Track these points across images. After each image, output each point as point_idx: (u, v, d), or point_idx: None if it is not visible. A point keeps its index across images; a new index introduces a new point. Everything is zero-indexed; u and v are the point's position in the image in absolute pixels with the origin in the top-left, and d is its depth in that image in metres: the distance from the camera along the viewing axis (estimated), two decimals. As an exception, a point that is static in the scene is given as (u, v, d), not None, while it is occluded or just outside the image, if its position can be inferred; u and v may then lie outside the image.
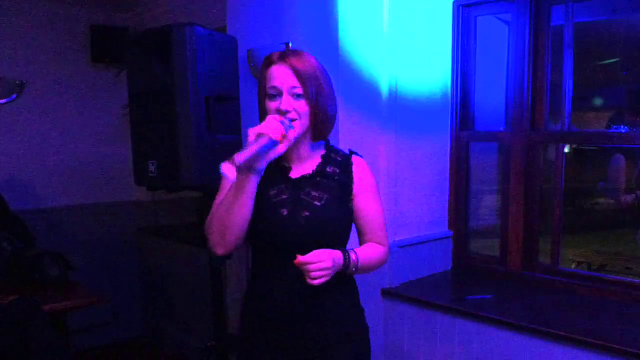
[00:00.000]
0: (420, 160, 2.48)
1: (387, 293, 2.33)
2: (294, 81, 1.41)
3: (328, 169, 1.53)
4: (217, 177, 2.17)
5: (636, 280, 2.16)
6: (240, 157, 1.25)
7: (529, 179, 2.38)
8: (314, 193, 1.49)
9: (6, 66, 3.53)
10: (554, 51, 2.31)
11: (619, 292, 2.14)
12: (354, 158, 1.57)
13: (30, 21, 3.62)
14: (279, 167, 1.50)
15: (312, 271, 1.32)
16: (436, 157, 2.58)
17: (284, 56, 1.44)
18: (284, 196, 1.47)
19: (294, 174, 1.51)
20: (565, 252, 3.87)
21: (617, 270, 4.12)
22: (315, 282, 1.33)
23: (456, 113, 2.59)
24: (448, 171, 2.63)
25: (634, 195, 4.05)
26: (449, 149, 2.62)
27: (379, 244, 1.59)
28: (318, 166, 1.52)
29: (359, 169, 1.56)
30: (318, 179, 1.51)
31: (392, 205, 2.33)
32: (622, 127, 2.39)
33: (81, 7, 3.78)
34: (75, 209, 3.88)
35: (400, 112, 2.34)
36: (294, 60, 1.43)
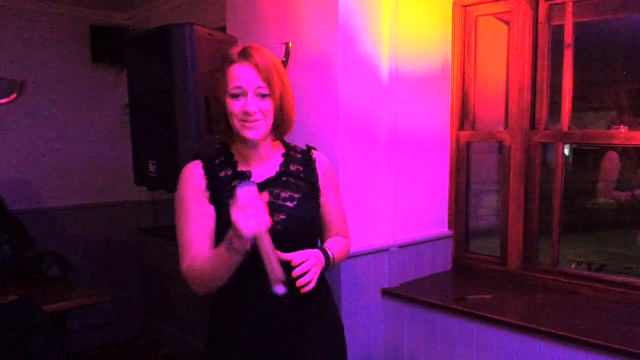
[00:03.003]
0: (420, 160, 2.48)
1: (387, 293, 2.33)
2: (259, 81, 1.37)
3: (291, 168, 1.50)
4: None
5: (636, 280, 2.15)
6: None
7: (529, 179, 2.38)
8: (283, 194, 1.45)
9: (6, 66, 3.53)
10: (554, 51, 2.31)
11: (619, 292, 2.14)
12: (314, 154, 1.56)
13: (31, 21, 3.62)
14: (240, 173, 1.45)
15: (306, 275, 1.29)
16: (436, 157, 2.58)
17: (246, 54, 1.38)
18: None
19: (257, 177, 1.46)
20: (565, 252, 3.87)
21: (617, 270, 4.12)
22: (309, 287, 1.31)
23: (456, 113, 2.59)
24: (448, 171, 2.63)
25: (629, 192, 4.06)
26: (449, 149, 2.62)
27: (344, 237, 1.61)
28: (281, 166, 1.49)
29: (322, 164, 1.55)
30: (284, 179, 1.47)
31: (392, 205, 2.33)
32: (622, 127, 2.39)
33: (81, 7, 3.79)
34: (75, 209, 3.88)
35: (400, 112, 2.34)
36: (258, 59, 1.38)
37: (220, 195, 1.40)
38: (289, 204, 1.44)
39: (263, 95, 1.38)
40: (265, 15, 2.40)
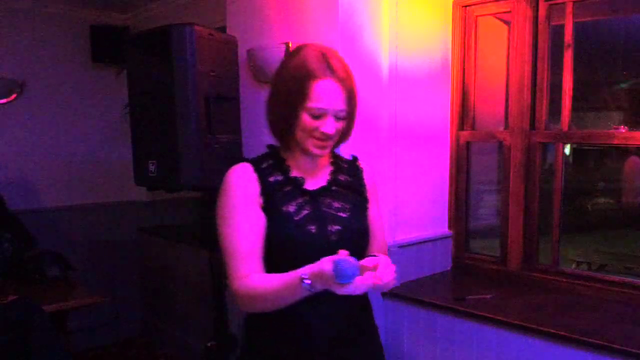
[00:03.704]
0: (420, 160, 2.48)
1: (387, 293, 2.33)
2: (342, 103, 1.28)
3: (341, 177, 1.44)
4: (217, 177, 2.17)
5: (636, 280, 2.15)
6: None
7: (529, 179, 2.38)
8: (335, 204, 1.38)
9: (6, 66, 3.53)
10: (554, 51, 2.31)
11: (619, 292, 2.14)
12: (361, 164, 1.51)
13: (31, 21, 3.62)
14: (293, 179, 1.37)
15: (385, 277, 1.15)
16: (436, 157, 2.58)
17: (332, 69, 1.27)
18: (306, 211, 1.34)
19: (310, 185, 1.38)
20: (565, 252, 3.87)
21: (617, 270, 4.13)
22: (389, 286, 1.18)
23: (456, 113, 2.59)
24: (448, 171, 2.63)
25: None
26: (449, 148, 2.62)
27: (385, 254, 1.47)
28: (331, 175, 1.43)
29: (368, 175, 1.51)
30: (334, 188, 1.41)
31: (392, 205, 2.33)
32: (622, 127, 2.39)
33: (81, 7, 3.79)
34: (75, 209, 3.89)
35: (400, 111, 2.34)
36: (342, 73, 1.28)
37: (273, 202, 1.32)
38: (342, 214, 1.37)
39: (339, 118, 1.31)
40: (265, 15, 2.40)
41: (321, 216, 1.34)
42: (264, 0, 2.40)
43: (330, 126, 1.28)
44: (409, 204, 2.43)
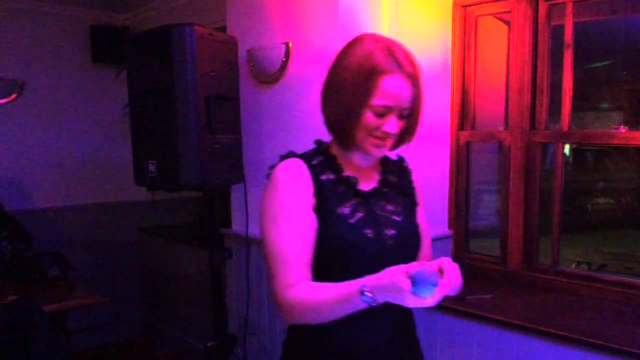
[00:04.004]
0: (420, 159, 2.48)
1: (387, 293, 2.32)
2: (408, 101, 1.18)
3: (391, 178, 1.36)
4: (217, 177, 2.17)
5: (636, 280, 2.15)
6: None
7: (529, 179, 2.38)
8: (388, 207, 1.29)
9: (6, 66, 3.53)
10: (554, 51, 2.31)
11: (619, 292, 2.14)
12: (409, 165, 1.43)
13: (30, 21, 3.62)
14: (346, 179, 1.26)
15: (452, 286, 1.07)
16: (436, 157, 2.58)
17: (399, 64, 1.17)
18: (360, 214, 1.23)
19: (363, 186, 1.29)
20: (565, 252, 3.87)
21: (617, 270, 4.12)
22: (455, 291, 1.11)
23: (456, 113, 2.59)
24: (448, 171, 2.63)
25: None
26: (448, 148, 2.62)
27: (429, 254, 1.43)
28: (381, 175, 1.34)
29: (417, 176, 1.42)
30: (385, 190, 1.32)
31: (392, 205, 2.33)
32: (622, 127, 2.39)
33: (81, 7, 3.79)
34: (75, 209, 3.89)
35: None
36: (411, 71, 1.18)
37: (327, 202, 1.21)
38: (395, 217, 1.29)
39: (403, 116, 1.21)
40: (265, 15, 2.40)
41: (376, 219, 1.25)
42: (264, 0, 2.40)
43: (393, 125, 1.18)
44: (409, 204, 2.43)
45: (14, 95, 3.57)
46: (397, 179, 1.37)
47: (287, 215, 1.19)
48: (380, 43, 1.20)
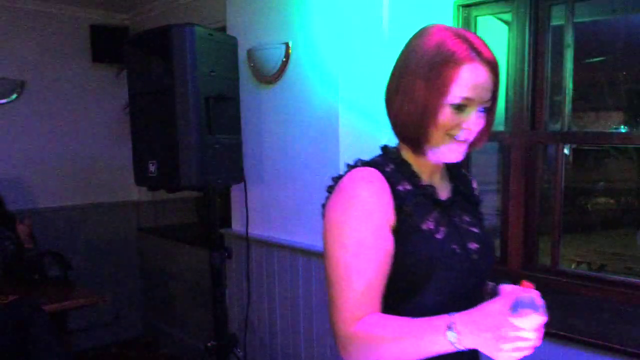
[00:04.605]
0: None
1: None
2: (489, 92, 1.04)
3: (460, 186, 1.21)
4: (217, 177, 2.18)
5: (636, 280, 2.15)
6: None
7: (529, 179, 2.38)
8: (465, 218, 1.15)
9: (6, 66, 3.53)
10: (554, 51, 2.31)
11: (619, 292, 2.14)
12: (470, 175, 1.29)
13: (31, 21, 3.62)
14: (423, 188, 1.10)
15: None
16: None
17: (477, 50, 1.02)
18: (444, 227, 1.08)
19: (440, 194, 1.14)
20: (565, 252, 3.87)
21: (617, 270, 4.12)
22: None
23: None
24: (448, 171, 2.63)
25: None
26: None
27: None
28: (451, 182, 1.21)
29: (476, 185, 1.28)
30: (458, 198, 1.18)
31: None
32: (622, 127, 2.39)
33: (81, 7, 3.79)
34: (75, 209, 3.89)
35: (400, 112, 2.34)
36: (490, 57, 1.04)
37: (409, 218, 1.05)
38: (474, 229, 1.15)
39: (484, 110, 1.06)
40: (265, 15, 2.41)
41: (458, 232, 1.11)
42: (264, 0, 2.40)
43: (474, 121, 1.04)
44: (409, 204, 2.43)
45: (14, 96, 3.57)
46: (463, 186, 1.23)
47: (361, 237, 1.01)
48: (451, 31, 1.05)
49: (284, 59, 2.31)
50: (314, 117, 2.24)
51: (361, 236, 1.01)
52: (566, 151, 2.36)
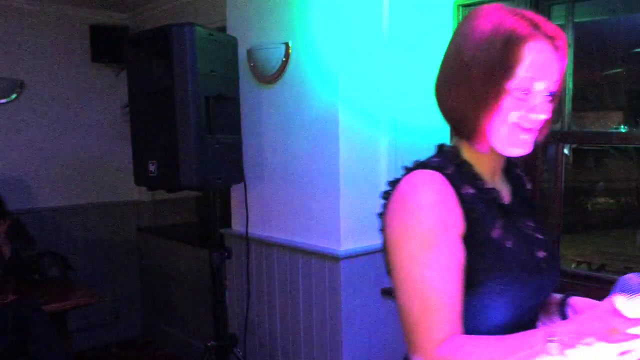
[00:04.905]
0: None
1: (387, 293, 2.33)
2: (555, 73, 0.92)
3: (519, 189, 1.11)
4: (217, 177, 2.18)
5: (636, 280, 2.15)
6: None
7: (529, 179, 2.38)
8: (529, 223, 1.05)
9: (6, 66, 3.53)
10: (554, 51, 2.30)
11: (619, 292, 2.13)
12: (518, 170, 1.15)
13: (30, 21, 3.62)
14: (487, 192, 1.00)
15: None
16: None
17: (538, 26, 0.90)
18: (511, 235, 0.98)
19: (503, 198, 1.04)
20: (565, 252, 3.87)
21: (617, 270, 4.12)
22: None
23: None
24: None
25: None
26: (449, 149, 2.61)
27: None
28: (511, 183, 1.10)
29: (527, 184, 1.17)
30: (518, 200, 1.08)
31: (392, 205, 2.33)
32: (622, 127, 2.39)
33: (81, 7, 3.79)
34: (75, 209, 3.88)
35: (400, 112, 2.34)
36: (554, 33, 0.91)
37: (478, 227, 0.94)
38: (539, 235, 1.04)
39: (552, 95, 0.94)
40: (265, 15, 2.40)
41: (525, 239, 1.01)
42: (264, 0, 2.40)
43: (542, 106, 0.92)
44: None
45: (14, 96, 3.57)
46: (521, 188, 1.12)
47: (434, 249, 0.89)
48: (506, 9, 0.94)
49: (284, 59, 2.31)
50: (314, 117, 2.24)
51: (434, 248, 0.89)
52: (566, 151, 2.36)
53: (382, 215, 1.02)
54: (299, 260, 2.35)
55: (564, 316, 1.09)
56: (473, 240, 0.93)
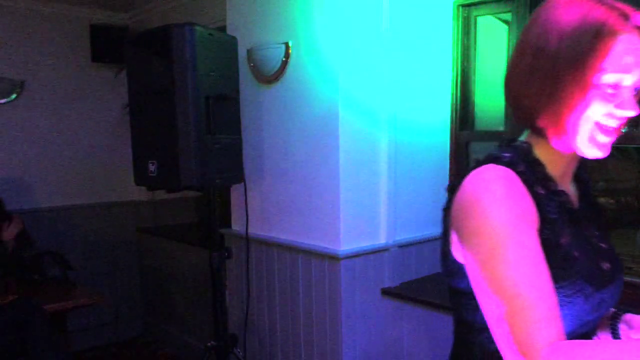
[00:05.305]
0: (420, 160, 2.48)
1: (387, 293, 2.33)
2: None
3: (587, 193, 1.05)
4: (217, 177, 2.17)
5: (636, 280, 2.15)
6: None
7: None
8: (594, 231, 0.98)
9: (6, 66, 3.53)
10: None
11: (619, 292, 2.14)
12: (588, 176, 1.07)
13: (31, 21, 3.62)
14: (557, 195, 0.93)
15: None
16: (436, 156, 2.58)
17: (632, 18, 0.85)
18: (578, 244, 0.92)
19: (573, 202, 0.97)
20: (565, 252, 3.86)
21: (617, 270, 4.12)
22: None
23: (456, 113, 2.59)
24: (448, 171, 2.62)
25: None
26: (449, 148, 2.61)
27: None
28: (578, 186, 1.03)
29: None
30: (584, 206, 1.02)
31: (392, 205, 2.33)
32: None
33: (81, 7, 3.79)
34: (75, 209, 3.88)
35: (400, 112, 2.34)
36: None
37: (548, 230, 0.88)
38: (603, 245, 0.98)
39: (636, 91, 0.88)
40: (265, 15, 2.40)
41: (591, 249, 0.94)
42: (264, 0, 2.40)
43: (631, 103, 0.86)
44: (409, 204, 2.43)
45: (13, 95, 3.57)
46: (588, 192, 1.04)
47: (526, 247, 0.82)
48: (614, 4, 0.86)
49: (284, 59, 2.31)
50: (314, 116, 2.24)
51: (523, 246, 0.82)
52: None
53: (447, 209, 0.98)
54: (299, 260, 2.35)
55: (615, 332, 1.04)
56: (544, 244, 0.85)
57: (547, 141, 0.92)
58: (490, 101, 2.68)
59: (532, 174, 0.91)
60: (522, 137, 0.98)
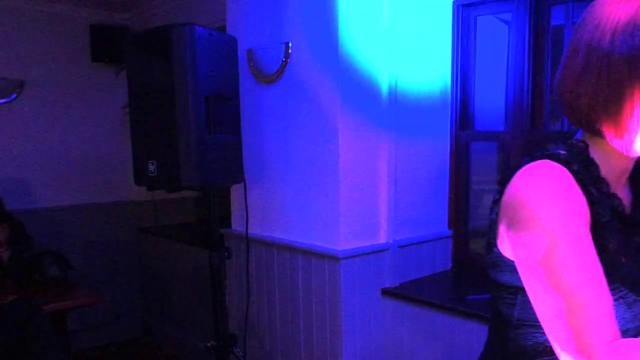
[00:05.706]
0: (420, 160, 2.48)
1: (387, 293, 2.33)
2: None
3: (638, 198, 0.99)
4: (217, 177, 2.17)
5: (636, 280, 2.15)
6: None
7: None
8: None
9: (6, 66, 3.53)
10: (554, 51, 2.31)
11: (619, 292, 2.14)
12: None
13: (30, 21, 3.62)
14: (611, 198, 0.91)
15: None
16: (436, 157, 2.58)
17: None
18: (626, 249, 0.89)
19: (625, 207, 0.94)
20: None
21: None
22: None
23: (456, 113, 2.59)
24: (448, 171, 2.63)
25: None
26: (448, 148, 2.62)
27: None
28: (633, 190, 0.99)
29: None
30: (637, 212, 0.97)
31: (392, 205, 2.33)
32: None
33: (81, 7, 3.79)
34: (75, 209, 3.89)
35: (400, 112, 2.34)
36: None
37: (599, 233, 0.86)
38: None
39: None
40: (265, 15, 2.40)
41: (639, 257, 0.90)
42: (264, 0, 2.40)
43: None
44: (409, 203, 2.43)
45: (13, 95, 3.57)
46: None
47: (583, 245, 0.82)
48: None
49: (284, 59, 2.31)
50: (314, 117, 2.24)
51: (580, 240, 0.81)
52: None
53: (496, 201, 0.95)
54: (299, 260, 2.35)
55: None
56: (596, 241, 0.83)
57: (604, 141, 0.89)
58: (490, 101, 2.68)
59: (586, 174, 0.89)
60: (578, 135, 0.96)
